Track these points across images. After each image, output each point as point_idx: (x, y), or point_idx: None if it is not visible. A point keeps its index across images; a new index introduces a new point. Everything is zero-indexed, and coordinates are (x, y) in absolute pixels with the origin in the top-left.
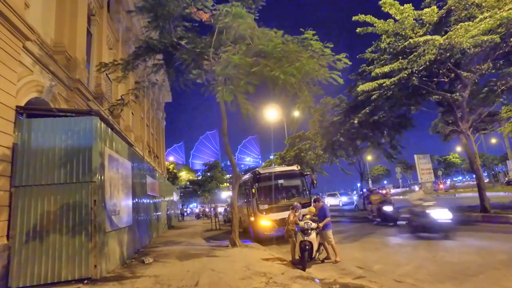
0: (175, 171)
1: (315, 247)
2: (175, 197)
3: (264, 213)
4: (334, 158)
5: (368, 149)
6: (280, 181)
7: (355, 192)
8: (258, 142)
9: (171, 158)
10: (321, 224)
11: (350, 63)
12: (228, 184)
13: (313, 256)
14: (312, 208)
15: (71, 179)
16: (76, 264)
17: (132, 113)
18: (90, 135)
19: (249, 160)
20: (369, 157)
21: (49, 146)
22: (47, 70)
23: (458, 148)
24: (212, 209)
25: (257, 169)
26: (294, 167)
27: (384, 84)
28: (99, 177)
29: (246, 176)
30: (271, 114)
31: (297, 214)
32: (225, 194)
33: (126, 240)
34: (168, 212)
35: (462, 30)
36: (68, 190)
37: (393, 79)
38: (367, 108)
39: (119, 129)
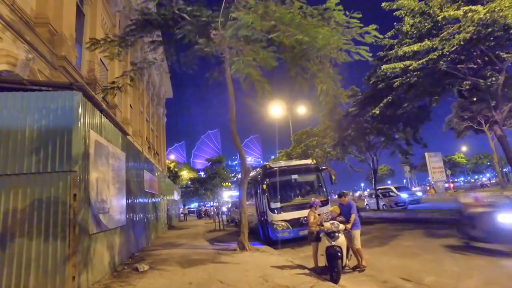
0: (176, 169)
1: (345, 252)
2: (176, 196)
3: (276, 212)
4: (344, 155)
5: (382, 145)
6: (294, 177)
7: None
8: (260, 142)
9: (172, 157)
10: (349, 226)
11: (381, 36)
12: (229, 184)
13: (343, 264)
14: (336, 208)
15: (45, 168)
16: (49, 276)
17: (130, 105)
18: (71, 114)
19: (250, 160)
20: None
21: (17, 127)
22: (22, 40)
23: (464, 148)
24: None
25: (268, 163)
26: (309, 161)
27: (410, 67)
28: (82, 167)
29: (255, 171)
30: (276, 110)
31: (317, 212)
32: (227, 194)
33: (118, 243)
34: (168, 212)
35: (507, 0)
36: (40, 181)
37: (421, 60)
38: (389, 97)
39: (111, 113)
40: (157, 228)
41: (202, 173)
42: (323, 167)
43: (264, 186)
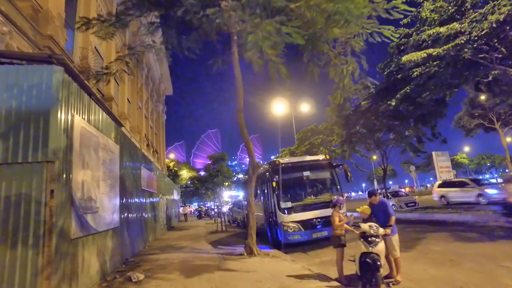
0: (175, 169)
1: (382, 262)
2: (175, 195)
3: (286, 212)
4: (350, 154)
5: (392, 142)
6: (306, 174)
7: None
8: (261, 141)
9: (172, 156)
10: (389, 230)
11: (413, 9)
12: (230, 184)
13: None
14: (366, 208)
15: (14, 157)
16: None
17: (128, 100)
18: (49, 93)
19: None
20: (374, 157)
21: None
22: None
23: (466, 148)
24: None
25: (276, 159)
26: (322, 156)
27: (434, 53)
28: (63, 158)
29: (263, 168)
30: (278, 108)
31: (342, 211)
32: (228, 194)
33: (110, 247)
34: (167, 212)
35: None
36: (9, 174)
37: (447, 46)
38: (407, 88)
39: (102, 99)
40: (156, 229)
41: (202, 173)
42: (338, 164)
43: (274, 184)
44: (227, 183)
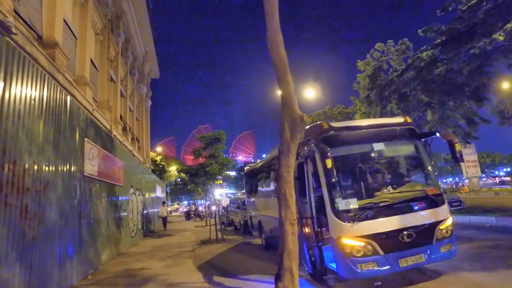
0: (163, 163)
1: None
2: (158, 192)
3: (347, 219)
4: None
5: (438, 124)
6: (377, 147)
7: None
8: (253, 138)
9: (159, 149)
10: None
11: None
12: (221, 182)
13: None
14: None
15: None
16: None
17: (92, 62)
18: None
19: (241, 159)
20: None
21: None
22: None
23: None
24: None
25: (323, 122)
26: (401, 119)
27: None
28: None
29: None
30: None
31: None
32: (219, 192)
33: None
34: (145, 213)
35: None
36: None
37: None
38: None
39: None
40: (120, 240)
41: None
42: (431, 131)
43: (329, 164)
44: (220, 181)
